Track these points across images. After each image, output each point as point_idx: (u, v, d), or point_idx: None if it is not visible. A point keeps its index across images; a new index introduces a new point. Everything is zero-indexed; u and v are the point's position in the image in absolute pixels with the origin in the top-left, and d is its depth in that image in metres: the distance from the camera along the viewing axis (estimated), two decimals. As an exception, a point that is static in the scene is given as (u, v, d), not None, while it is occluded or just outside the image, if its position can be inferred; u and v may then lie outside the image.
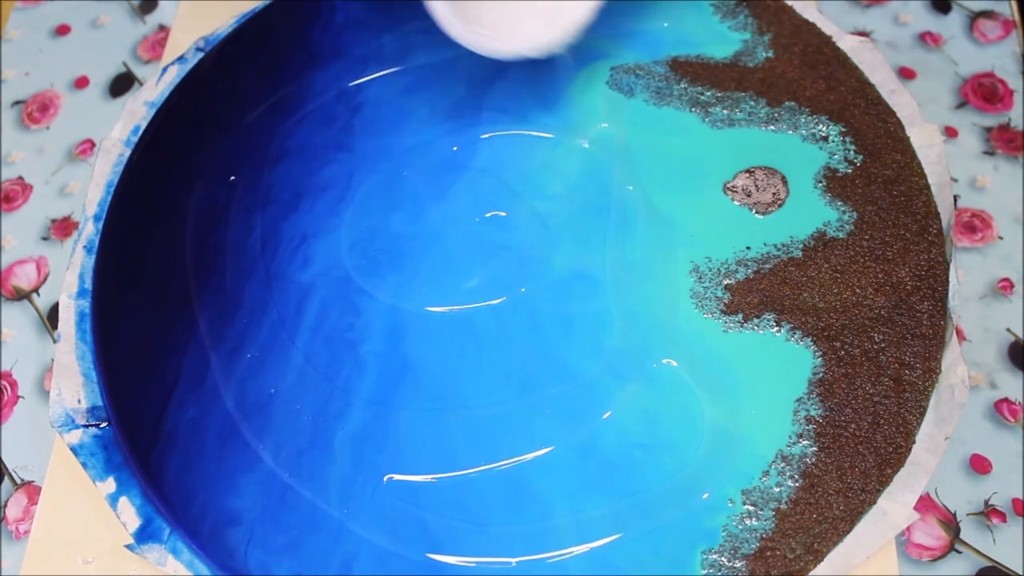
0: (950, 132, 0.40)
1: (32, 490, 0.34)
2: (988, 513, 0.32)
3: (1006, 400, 0.34)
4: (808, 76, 0.38)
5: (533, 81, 0.40)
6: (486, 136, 0.39)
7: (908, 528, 0.31)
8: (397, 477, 0.31)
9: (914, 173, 0.35)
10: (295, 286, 0.36)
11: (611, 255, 0.35)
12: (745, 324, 0.33)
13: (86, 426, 0.31)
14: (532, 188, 0.37)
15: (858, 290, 0.33)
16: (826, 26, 0.39)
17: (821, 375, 0.32)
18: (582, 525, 0.30)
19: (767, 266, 0.34)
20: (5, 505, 0.34)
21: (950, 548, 0.31)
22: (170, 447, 0.32)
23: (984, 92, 0.41)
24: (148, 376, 0.33)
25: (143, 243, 0.36)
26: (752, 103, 0.38)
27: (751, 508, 0.30)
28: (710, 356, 0.33)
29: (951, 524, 0.32)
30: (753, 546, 0.29)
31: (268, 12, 0.40)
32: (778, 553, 0.29)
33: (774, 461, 0.30)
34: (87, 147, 0.43)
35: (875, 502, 0.29)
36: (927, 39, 0.43)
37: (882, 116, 0.37)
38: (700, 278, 0.34)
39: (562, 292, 0.35)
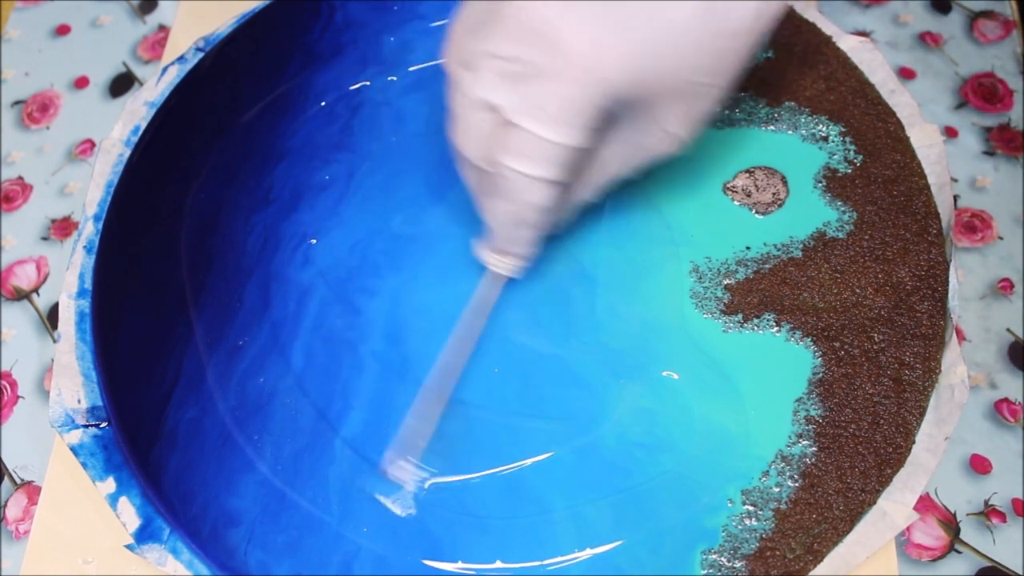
0: (950, 132, 0.40)
1: (32, 490, 0.34)
2: (988, 513, 0.32)
3: (1006, 400, 0.34)
4: (808, 76, 0.38)
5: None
6: (486, 136, 0.39)
7: (908, 528, 0.31)
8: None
9: (914, 173, 0.35)
10: (295, 286, 0.36)
11: (610, 255, 0.35)
12: (745, 324, 0.33)
13: (86, 426, 0.31)
14: (532, 188, 0.37)
15: (858, 290, 0.33)
16: (826, 26, 0.39)
17: (821, 375, 0.32)
18: (582, 529, 0.30)
19: (767, 266, 0.34)
20: (5, 505, 0.34)
21: (950, 548, 0.31)
22: (170, 447, 0.32)
23: (984, 92, 0.41)
24: (148, 376, 0.33)
25: (143, 243, 0.36)
26: (752, 103, 0.38)
27: (751, 508, 0.30)
28: (710, 356, 0.33)
29: (951, 524, 0.32)
30: (753, 546, 0.29)
31: (268, 12, 0.40)
32: (778, 553, 0.29)
33: (774, 461, 0.30)
34: (87, 147, 0.43)
35: (875, 502, 0.29)
36: (927, 39, 0.43)
37: (882, 116, 0.37)
38: (700, 278, 0.34)
39: (561, 292, 0.35)
